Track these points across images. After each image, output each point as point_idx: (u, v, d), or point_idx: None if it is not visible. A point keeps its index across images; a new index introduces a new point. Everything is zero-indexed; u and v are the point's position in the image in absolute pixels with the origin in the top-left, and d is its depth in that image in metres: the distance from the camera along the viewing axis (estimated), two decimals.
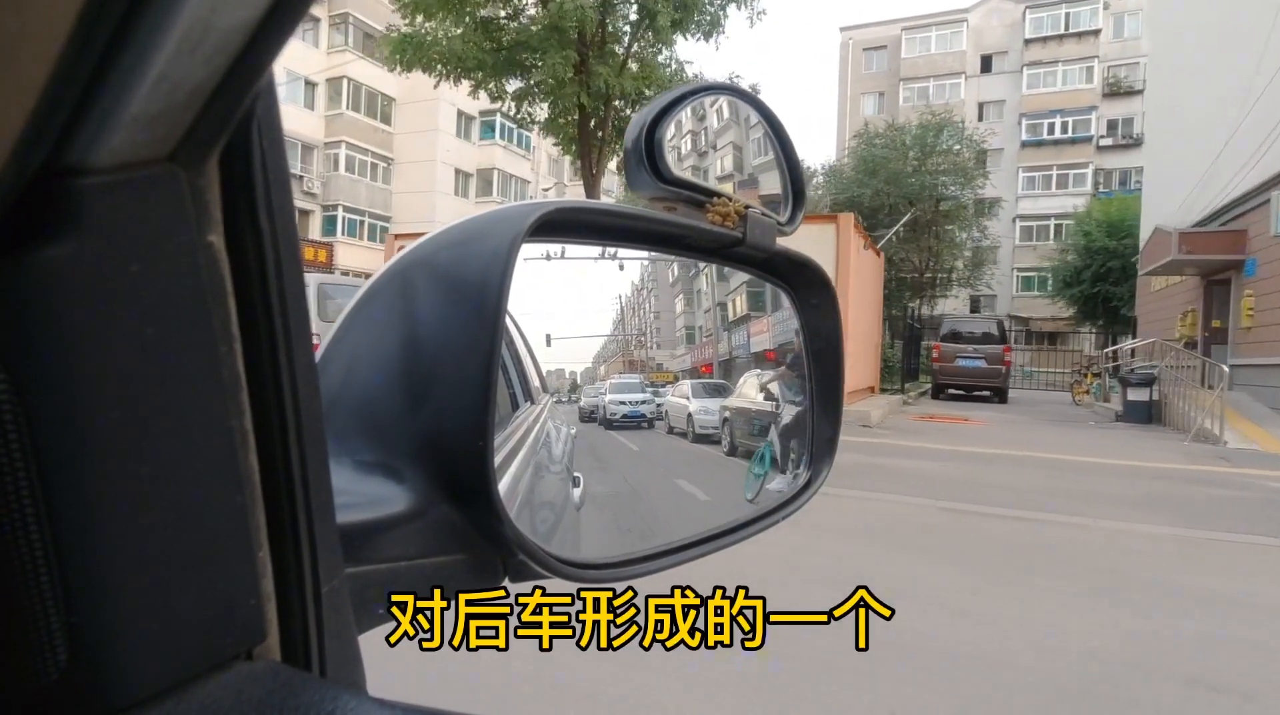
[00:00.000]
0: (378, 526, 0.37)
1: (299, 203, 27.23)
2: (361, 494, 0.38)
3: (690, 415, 0.42)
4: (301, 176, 27.91)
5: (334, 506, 0.31)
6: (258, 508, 0.27)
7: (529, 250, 0.45)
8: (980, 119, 34.94)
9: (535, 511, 0.51)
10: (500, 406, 0.44)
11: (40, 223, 0.21)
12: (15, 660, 0.23)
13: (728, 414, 0.43)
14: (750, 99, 0.61)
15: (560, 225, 0.46)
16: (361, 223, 29.55)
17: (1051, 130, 36.89)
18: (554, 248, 0.45)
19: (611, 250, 0.49)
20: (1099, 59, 36.41)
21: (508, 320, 0.43)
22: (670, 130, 0.51)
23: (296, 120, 27.66)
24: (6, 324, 0.21)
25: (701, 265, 0.61)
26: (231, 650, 0.26)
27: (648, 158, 0.50)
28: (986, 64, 38.73)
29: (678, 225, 0.53)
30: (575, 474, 0.56)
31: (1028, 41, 37.48)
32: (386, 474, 0.39)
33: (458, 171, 31.94)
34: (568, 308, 0.50)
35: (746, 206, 0.56)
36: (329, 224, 29.01)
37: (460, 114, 31.49)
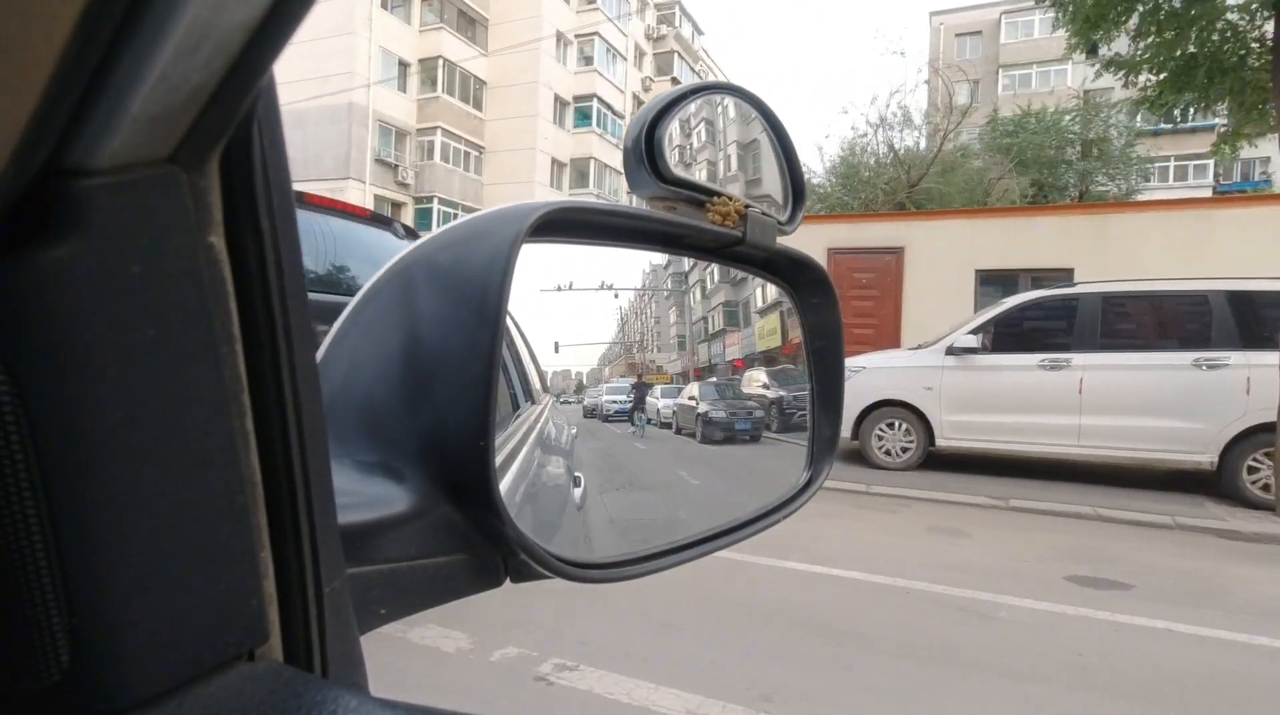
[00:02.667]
0: (379, 527, 0.37)
1: (392, 194, 25.62)
2: (363, 494, 0.37)
3: (659, 409, 0.57)
4: (395, 166, 25.79)
5: (335, 507, 0.31)
6: (259, 508, 0.27)
7: (543, 281, 0.47)
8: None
9: (536, 511, 0.51)
10: (501, 406, 0.44)
11: (41, 224, 0.21)
12: (17, 661, 0.23)
13: (675, 407, 0.60)
14: (750, 98, 0.61)
15: (561, 225, 0.46)
16: (455, 216, 26.49)
17: (1171, 119, 33.25)
18: (563, 280, 0.51)
19: (609, 282, 0.56)
20: None
21: (508, 320, 0.43)
22: (671, 130, 0.51)
23: (390, 104, 25.67)
24: (7, 325, 0.21)
25: (692, 281, 0.66)
26: (233, 651, 0.26)
27: (648, 157, 0.50)
28: (1093, 50, 34.64)
29: (678, 225, 0.53)
30: (576, 474, 0.57)
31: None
32: (388, 474, 0.39)
33: (553, 161, 29.47)
34: (574, 316, 0.54)
35: (747, 206, 0.56)
36: (423, 218, 26.11)
37: (556, 99, 29.01)
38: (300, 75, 23.31)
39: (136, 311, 0.23)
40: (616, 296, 0.56)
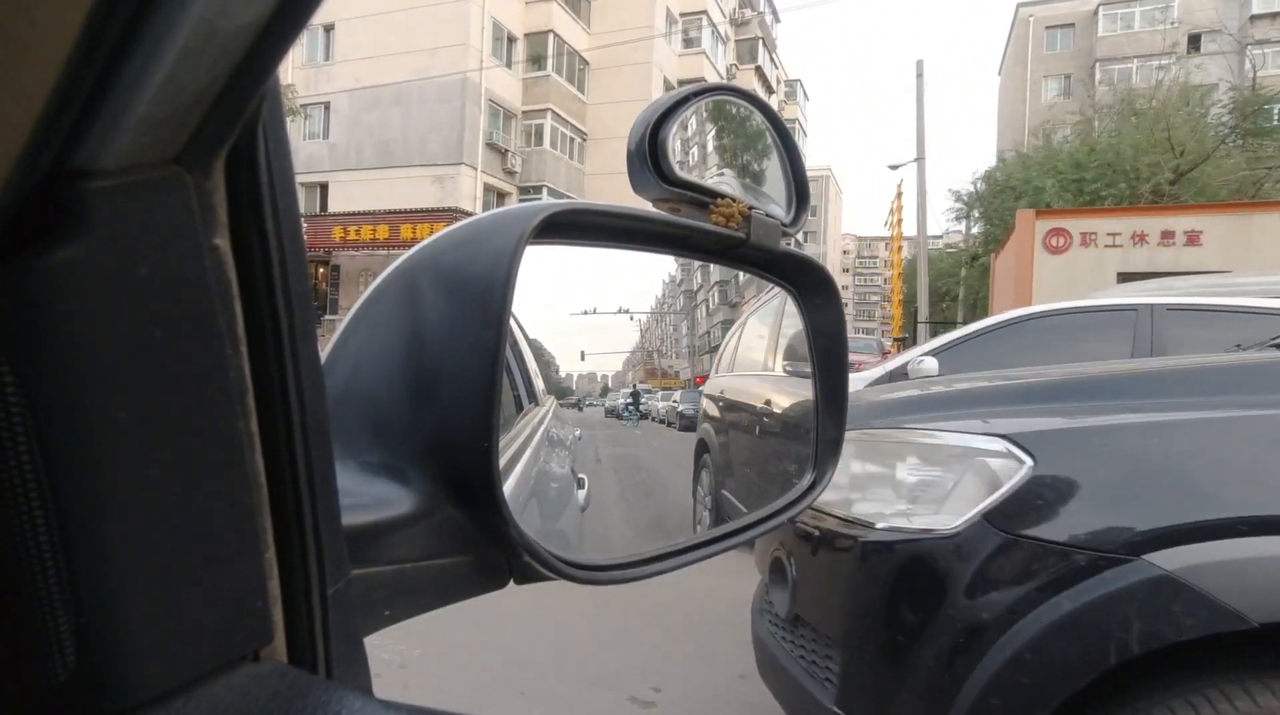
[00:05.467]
0: (383, 528, 0.37)
1: (500, 183, 22.99)
2: (367, 495, 0.38)
3: (658, 408, 0.67)
4: (505, 151, 22.74)
5: (340, 508, 0.31)
6: (264, 510, 0.27)
7: (546, 281, 0.49)
8: (1185, 103, 25.90)
9: (541, 513, 0.51)
10: (505, 408, 0.44)
11: (47, 225, 0.21)
12: (23, 661, 0.23)
13: (666, 407, 0.68)
14: (753, 100, 0.61)
15: (565, 226, 0.47)
16: None
17: None
18: (588, 304, 0.55)
19: (625, 306, 0.60)
20: None
21: (512, 322, 0.43)
22: (674, 131, 0.51)
23: (498, 83, 22.63)
24: (14, 326, 0.21)
25: (699, 298, 0.71)
26: (238, 651, 0.26)
27: (651, 159, 0.50)
28: (1194, 43, 32.29)
29: (681, 226, 0.53)
30: (580, 475, 0.57)
31: (1254, 18, 31.18)
32: (392, 475, 0.39)
33: None
34: (600, 327, 0.58)
35: (750, 207, 0.56)
36: None
37: (665, 83, 25.39)
38: (405, 48, 21.00)
39: (142, 313, 0.23)
40: (632, 318, 0.62)
